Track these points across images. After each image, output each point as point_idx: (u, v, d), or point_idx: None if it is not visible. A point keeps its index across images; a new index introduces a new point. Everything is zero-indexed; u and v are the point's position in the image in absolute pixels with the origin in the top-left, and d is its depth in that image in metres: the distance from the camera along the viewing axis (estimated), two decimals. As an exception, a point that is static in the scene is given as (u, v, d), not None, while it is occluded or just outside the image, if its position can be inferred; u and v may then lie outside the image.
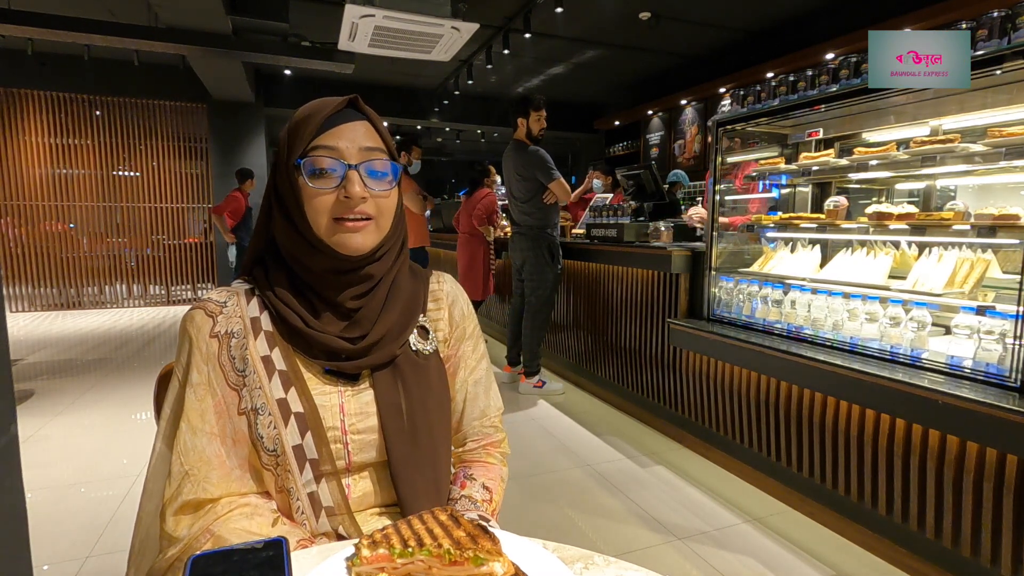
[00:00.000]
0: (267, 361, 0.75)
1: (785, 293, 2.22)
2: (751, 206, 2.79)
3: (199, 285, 7.28)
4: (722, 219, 2.55)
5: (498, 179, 4.75)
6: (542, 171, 3.27)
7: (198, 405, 0.73)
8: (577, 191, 5.02)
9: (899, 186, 2.51)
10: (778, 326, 2.19)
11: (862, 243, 2.19)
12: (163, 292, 7.18)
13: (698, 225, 3.15)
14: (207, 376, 0.74)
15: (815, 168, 2.31)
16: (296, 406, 0.74)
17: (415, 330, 0.83)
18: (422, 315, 0.86)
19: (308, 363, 0.76)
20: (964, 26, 1.67)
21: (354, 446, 0.76)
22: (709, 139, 3.79)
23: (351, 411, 0.76)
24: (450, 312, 0.88)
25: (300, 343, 0.76)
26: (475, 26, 3.77)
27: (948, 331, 1.77)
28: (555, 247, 3.40)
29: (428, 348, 0.84)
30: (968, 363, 1.59)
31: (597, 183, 5.25)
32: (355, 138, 0.74)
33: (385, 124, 0.85)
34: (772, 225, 2.48)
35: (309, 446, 0.74)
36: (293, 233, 0.75)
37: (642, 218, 3.43)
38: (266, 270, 0.79)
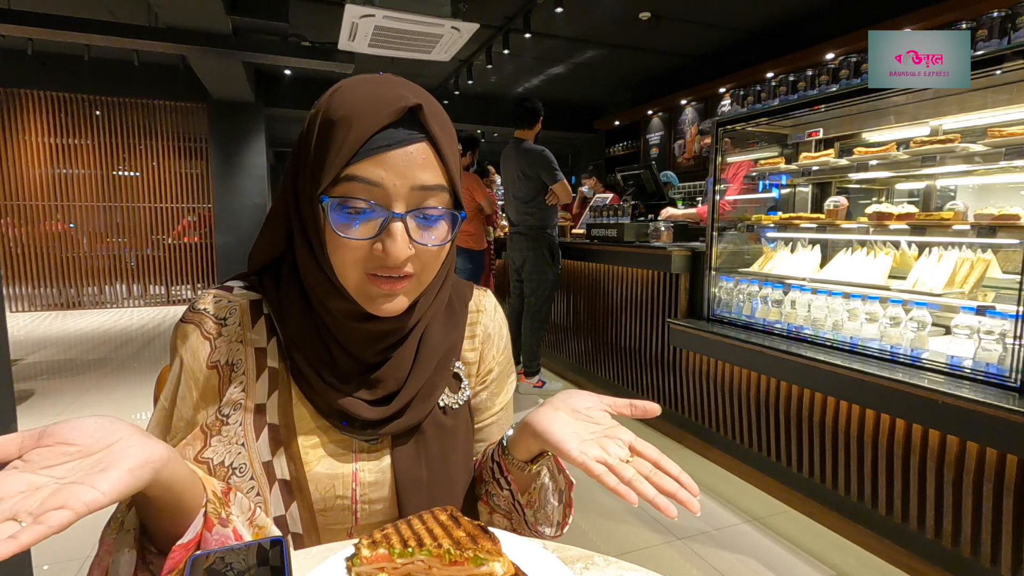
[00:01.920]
0: (259, 411, 0.61)
1: (785, 293, 2.22)
2: (750, 206, 2.79)
3: (199, 285, 7.28)
4: (724, 201, 2.55)
5: (497, 179, 4.75)
6: (547, 171, 3.28)
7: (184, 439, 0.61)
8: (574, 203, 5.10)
9: (899, 186, 2.51)
10: (778, 326, 2.19)
11: (862, 243, 2.19)
12: (163, 292, 7.18)
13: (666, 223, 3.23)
14: (201, 413, 0.61)
15: (815, 168, 2.31)
16: (282, 472, 0.62)
17: (447, 385, 0.70)
18: (456, 360, 0.72)
19: (317, 416, 0.64)
20: (964, 26, 1.67)
21: (363, 513, 0.66)
22: (707, 139, 3.78)
23: (365, 480, 0.65)
24: (482, 353, 0.75)
25: (312, 395, 0.63)
26: (475, 26, 3.77)
27: (948, 331, 1.77)
28: (555, 247, 3.41)
29: (459, 401, 0.70)
30: (968, 363, 1.59)
31: (585, 188, 5.29)
32: (408, 170, 0.55)
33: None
34: (772, 225, 2.48)
35: (294, 518, 0.62)
36: (315, 267, 0.60)
37: (642, 218, 3.44)
38: (277, 283, 0.64)
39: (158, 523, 0.51)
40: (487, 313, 0.76)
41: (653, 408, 0.56)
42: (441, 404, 0.69)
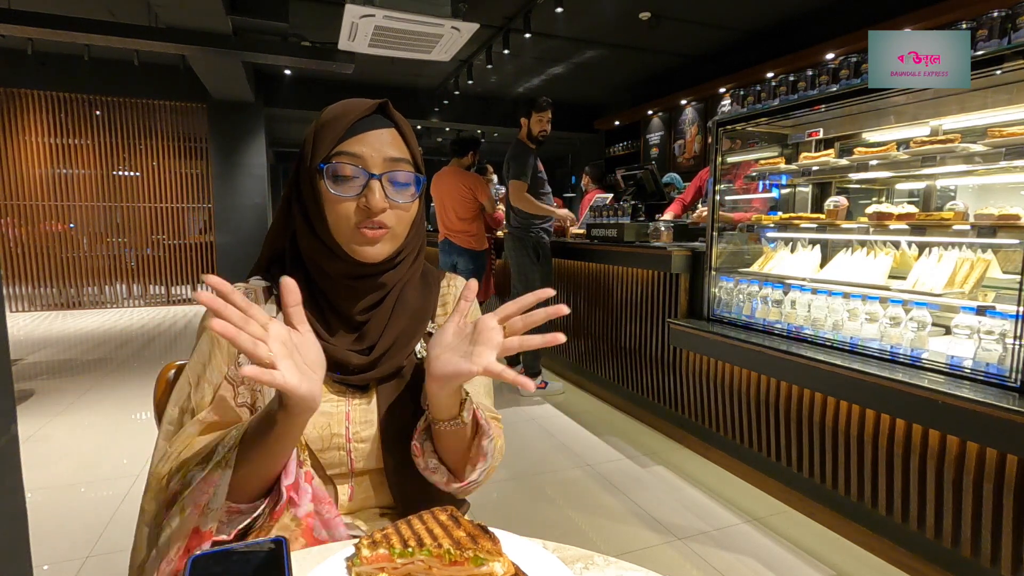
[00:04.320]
0: None
1: (785, 293, 2.22)
2: (751, 206, 2.79)
3: (199, 285, 7.27)
4: (722, 212, 2.55)
5: (495, 178, 4.73)
6: (513, 165, 3.26)
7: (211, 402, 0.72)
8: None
9: (899, 186, 2.51)
10: (778, 326, 2.19)
11: (862, 243, 2.19)
12: (163, 292, 7.18)
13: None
14: (225, 375, 0.73)
15: (815, 168, 2.31)
16: None
17: (422, 338, 0.82)
18: (431, 322, 0.84)
19: None
20: (964, 26, 1.67)
21: (357, 453, 0.77)
22: (709, 139, 3.79)
23: (356, 419, 0.77)
24: None
25: None
26: (475, 26, 3.77)
27: (948, 331, 1.77)
28: (540, 246, 3.38)
29: None
30: (968, 363, 1.59)
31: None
32: (380, 146, 0.73)
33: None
34: (772, 225, 2.48)
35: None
36: (312, 236, 0.75)
37: (641, 218, 3.43)
38: (283, 270, 0.78)
39: (259, 461, 0.62)
40: (457, 288, 0.90)
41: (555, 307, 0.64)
42: (419, 356, 0.81)
